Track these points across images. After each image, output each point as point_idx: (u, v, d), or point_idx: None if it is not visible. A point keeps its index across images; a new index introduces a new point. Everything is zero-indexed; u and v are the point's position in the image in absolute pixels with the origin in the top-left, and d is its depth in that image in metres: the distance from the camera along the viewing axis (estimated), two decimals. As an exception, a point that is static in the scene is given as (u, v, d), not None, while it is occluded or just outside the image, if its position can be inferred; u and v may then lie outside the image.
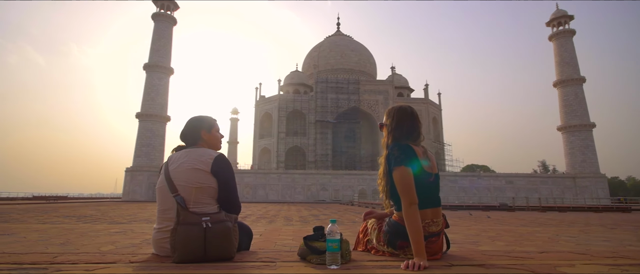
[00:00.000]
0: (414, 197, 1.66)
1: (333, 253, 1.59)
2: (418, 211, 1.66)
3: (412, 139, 1.86)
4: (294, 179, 36.30)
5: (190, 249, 1.69)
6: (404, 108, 1.95)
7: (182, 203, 1.76)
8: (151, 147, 33.01)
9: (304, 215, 11.51)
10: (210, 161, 1.86)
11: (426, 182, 1.76)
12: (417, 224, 1.63)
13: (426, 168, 1.77)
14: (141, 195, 31.74)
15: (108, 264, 1.72)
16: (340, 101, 44.47)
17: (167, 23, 36.20)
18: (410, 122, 1.89)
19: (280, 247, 3.48)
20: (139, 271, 1.60)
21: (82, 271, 1.57)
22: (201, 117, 2.10)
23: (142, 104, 33.90)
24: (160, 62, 34.76)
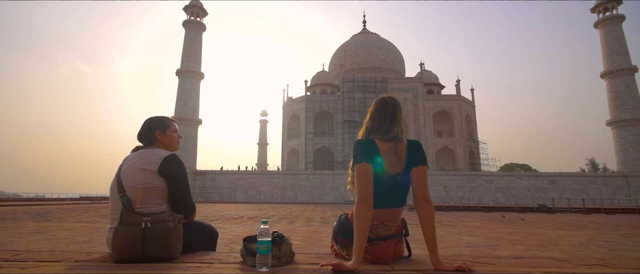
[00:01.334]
0: (365, 196, 1.55)
1: (263, 255, 1.52)
2: (368, 211, 1.55)
3: (381, 132, 1.69)
4: (322, 179, 36.30)
5: (129, 249, 1.70)
6: (382, 100, 1.80)
7: (127, 203, 1.77)
8: (184, 150, 34.47)
9: (326, 216, 11.42)
10: (158, 162, 1.85)
11: (386, 181, 1.61)
12: (361, 224, 1.53)
13: (387, 167, 1.61)
14: (176, 195, 33.27)
15: (47, 263, 1.73)
16: (368, 100, 43.82)
17: (197, 30, 37.71)
18: (382, 115, 1.73)
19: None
20: (70, 270, 1.60)
21: (17, 270, 1.59)
22: (156, 118, 2.09)
23: (175, 108, 35.56)
24: (192, 68, 36.26)
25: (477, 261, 1.74)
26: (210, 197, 34.00)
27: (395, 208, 1.67)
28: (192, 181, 33.99)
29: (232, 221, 9.19)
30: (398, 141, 1.65)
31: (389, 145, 1.64)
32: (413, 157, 1.63)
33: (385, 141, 1.65)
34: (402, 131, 1.71)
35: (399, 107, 1.76)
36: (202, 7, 38.20)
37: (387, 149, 1.63)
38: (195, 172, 34.77)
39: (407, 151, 1.64)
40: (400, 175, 1.62)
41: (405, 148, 1.65)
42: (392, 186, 1.63)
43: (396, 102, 1.78)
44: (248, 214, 12.52)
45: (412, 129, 42.90)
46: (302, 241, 4.20)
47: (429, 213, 1.57)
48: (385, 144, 1.64)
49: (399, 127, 1.70)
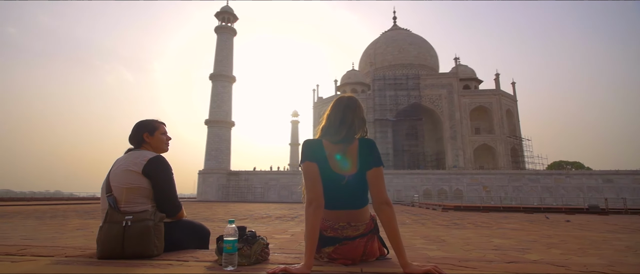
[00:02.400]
0: (312, 196, 1.53)
1: (228, 254, 1.51)
2: (317, 211, 1.52)
3: (329, 134, 1.64)
4: (353, 179, 35.92)
5: (110, 246, 1.76)
6: (337, 100, 1.73)
7: (113, 203, 1.86)
8: (219, 151, 35.76)
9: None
10: (143, 163, 1.92)
11: (338, 181, 1.57)
12: (310, 225, 1.50)
13: (338, 168, 1.57)
14: (212, 195, 34.57)
15: (38, 258, 1.77)
16: (400, 97, 42.79)
17: (228, 35, 38.94)
18: (333, 116, 1.67)
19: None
20: (52, 265, 1.65)
21: (8, 263, 1.68)
22: (145, 121, 2.15)
23: (209, 111, 36.97)
24: (224, 72, 37.51)
25: (459, 265, 1.56)
26: (244, 197, 34.94)
27: (357, 209, 1.60)
28: (226, 181, 35.13)
29: (260, 220, 9.30)
30: (347, 142, 1.59)
31: (338, 147, 1.59)
32: (366, 159, 1.56)
33: (334, 143, 1.60)
34: (357, 131, 1.65)
35: (352, 108, 1.67)
36: (232, 12, 39.43)
37: (335, 150, 1.58)
38: (229, 172, 35.87)
39: (359, 152, 1.58)
40: (352, 176, 1.56)
41: (357, 149, 1.58)
42: (346, 187, 1.57)
43: (350, 102, 1.69)
44: (277, 213, 12.62)
45: (447, 126, 41.20)
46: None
47: (390, 216, 1.51)
48: (335, 146, 1.59)
49: (349, 128, 1.62)
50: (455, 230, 6.11)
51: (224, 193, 34.65)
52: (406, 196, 33.35)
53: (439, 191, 34.28)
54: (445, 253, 3.40)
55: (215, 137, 35.84)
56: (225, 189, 34.77)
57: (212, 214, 11.76)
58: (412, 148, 43.51)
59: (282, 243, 4.47)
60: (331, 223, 1.62)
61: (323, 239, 1.60)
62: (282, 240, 4.82)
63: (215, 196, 34.40)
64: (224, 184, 34.90)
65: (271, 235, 5.49)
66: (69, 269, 1.59)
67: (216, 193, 34.50)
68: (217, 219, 9.30)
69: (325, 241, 1.60)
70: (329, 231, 1.60)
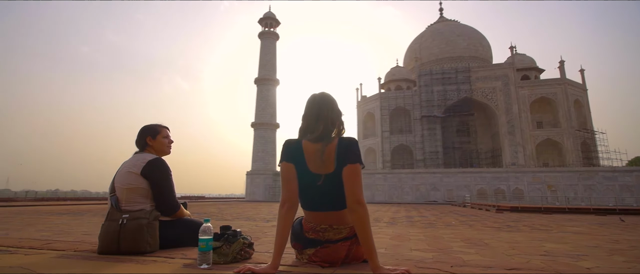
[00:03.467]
0: (286, 197, 1.52)
1: (203, 253, 1.53)
2: (289, 212, 1.51)
3: (308, 132, 1.61)
4: (400, 179, 34.86)
5: (107, 242, 1.90)
6: (310, 97, 1.68)
7: (115, 202, 2.00)
8: (265, 153, 36.96)
9: (398, 216, 10.79)
10: (142, 165, 2.05)
11: (314, 181, 1.52)
12: (279, 226, 1.50)
13: (315, 169, 1.52)
14: (260, 196, 35.82)
15: (48, 251, 1.88)
16: (448, 92, 40.60)
17: (271, 40, 40.12)
18: (308, 114, 1.63)
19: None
20: (56, 258, 1.80)
21: (21, 255, 1.88)
22: (149, 126, 2.27)
23: (255, 114, 38.40)
24: (267, 76, 38.72)
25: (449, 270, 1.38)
26: (290, 197, 35.71)
27: (337, 211, 1.54)
28: (272, 181, 36.13)
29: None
30: (325, 141, 1.53)
31: (317, 146, 1.53)
32: (343, 156, 1.50)
33: (313, 142, 1.55)
34: (333, 128, 1.59)
35: (325, 104, 1.61)
36: (274, 17, 40.58)
37: (313, 150, 1.53)
38: (275, 173, 36.85)
39: (337, 150, 1.51)
40: (328, 176, 1.51)
41: (335, 148, 1.52)
42: (323, 187, 1.52)
43: (324, 99, 1.64)
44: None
45: (503, 120, 38.14)
46: None
47: (361, 217, 1.43)
48: (313, 145, 1.54)
49: (325, 126, 1.57)
50: (505, 233, 5.52)
51: (271, 193, 35.71)
52: (458, 196, 31.47)
53: (496, 191, 31.81)
54: (483, 257, 3.05)
55: (261, 139, 37.13)
56: (272, 189, 35.82)
57: (255, 213, 12.09)
58: (464, 145, 41.01)
59: None
60: (313, 225, 1.58)
61: (305, 241, 1.59)
62: None
63: (262, 196, 35.60)
64: (270, 184, 35.97)
65: None
66: (65, 263, 1.73)
67: (264, 193, 35.68)
68: (258, 218, 9.51)
69: (307, 242, 1.57)
70: (311, 232, 1.57)
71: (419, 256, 3.20)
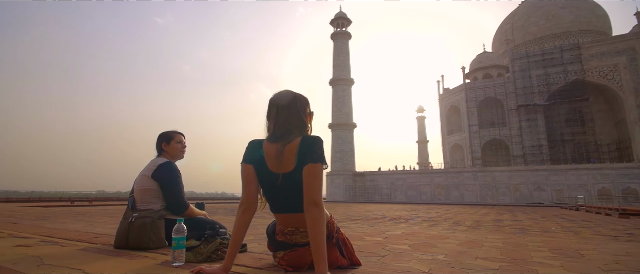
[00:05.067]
0: (242, 198, 1.50)
1: (175, 251, 1.61)
2: (244, 214, 1.48)
3: (268, 132, 1.57)
4: (494, 177, 31.16)
5: (119, 238, 2.14)
6: (274, 95, 1.61)
7: (131, 202, 2.23)
8: (343, 153, 37.02)
9: (485, 220, 9.53)
10: (153, 168, 2.22)
11: (274, 182, 1.48)
12: (234, 227, 1.48)
13: (273, 167, 1.47)
14: (340, 196, 36.05)
15: (77, 243, 2.09)
16: (552, 76, 34.82)
17: (343, 40, 40.11)
18: (269, 113, 1.58)
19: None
20: (79, 250, 2.06)
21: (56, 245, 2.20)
22: (164, 132, 2.44)
23: (332, 115, 38.74)
24: (342, 76, 38.75)
25: None
26: (370, 197, 35.07)
27: (302, 213, 1.44)
28: (352, 182, 36.01)
29: (370, 221, 8.97)
30: (284, 140, 1.48)
31: (276, 146, 1.48)
32: (304, 156, 1.44)
33: (272, 142, 1.50)
34: (295, 126, 1.51)
35: (285, 102, 1.54)
36: (346, 17, 40.47)
37: (273, 150, 1.48)
38: (354, 173, 36.68)
39: (299, 150, 1.45)
40: (286, 176, 1.46)
41: (297, 147, 1.46)
42: (282, 188, 1.47)
43: (283, 98, 1.57)
44: (395, 214, 12.02)
45: (631, 104, 30.94)
46: (410, 246, 3.70)
47: (314, 218, 1.34)
48: (273, 145, 1.49)
49: (283, 125, 1.51)
50: (619, 243, 4.31)
51: (351, 194, 35.68)
52: (570, 197, 26.59)
53: (625, 191, 25.96)
54: (566, 270, 2.41)
55: (338, 140, 37.38)
56: (351, 190, 35.74)
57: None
58: (577, 137, 34.60)
59: (362, 246, 4.06)
60: (281, 227, 1.56)
61: (276, 244, 1.58)
62: (368, 243, 4.41)
63: (343, 196, 35.80)
64: (350, 185, 35.94)
65: (361, 237, 5.14)
66: (81, 254, 1.96)
67: (344, 194, 35.84)
68: (329, 218, 9.45)
69: (277, 245, 1.56)
70: (280, 235, 1.55)
71: (480, 266, 2.67)
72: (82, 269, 1.57)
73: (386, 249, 3.55)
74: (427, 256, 3.03)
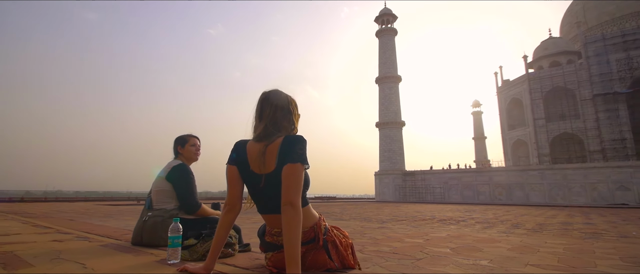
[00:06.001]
0: (227, 199, 1.49)
1: (171, 249, 1.67)
2: (227, 215, 1.47)
3: (253, 132, 1.55)
4: (565, 175, 27.88)
5: (135, 235, 2.32)
6: (266, 96, 1.56)
7: (148, 202, 2.37)
8: (392, 152, 35.89)
9: (550, 223, 8.48)
10: (167, 170, 2.34)
11: (256, 183, 1.47)
12: (217, 227, 1.48)
13: (256, 168, 1.45)
14: (389, 196, 35.03)
15: (101, 238, 2.23)
16: (636, 60, 30.25)
17: (389, 36, 38.92)
18: (255, 112, 1.56)
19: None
20: (101, 245, 2.25)
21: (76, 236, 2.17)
22: (180, 136, 2.55)
23: (379, 114, 37.78)
24: (388, 73, 37.62)
25: None
26: (422, 197, 33.56)
27: None
28: (402, 181, 34.78)
29: (416, 221, 8.50)
30: (267, 140, 1.46)
31: (259, 146, 1.47)
32: (284, 155, 1.41)
33: (256, 142, 1.49)
34: (280, 126, 1.49)
35: (270, 101, 1.51)
36: (391, 13, 39.23)
37: (256, 150, 1.47)
38: (404, 173, 35.37)
39: (280, 149, 1.42)
40: (268, 176, 1.44)
41: (278, 146, 1.43)
42: (265, 189, 1.45)
43: (269, 96, 1.53)
44: (446, 215, 11.30)
45: None
46: (452, 250, 3.50)
47: (290, 219, 1.31)
48: (256, 145, 1.48)
49: (267, 124, 1.48)
50: None
51: (400, 194, 34.48)
52: (665, 199, 22.74)
53: None
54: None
55: (386, 139, 36.36)
56: (402, 189, 34.52)
57: (376, 215, 11.74)
58: (670, 128, 29.54)
59: (399, 248, 3.79)
60: (269, 228, 1.55)
61: (265, 244, 1.57)
62: (406, 244, 4.13)
63: (392, 196, 34.75)
64: (400, 184, 34.74)
65: (401, 238, 4.83)
66: (98, 249, 2.11)
67: (393, 194, 34.78)
68: (375, 220, 9.14)
69: (267, 246, 1.55)
70: (268, 236, 1.53)
71: None
72: (84, 264, 1.64)
73: (424, 252, 3.36)
74: (468, 261, 2.83)
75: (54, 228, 3.36)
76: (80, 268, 1.61)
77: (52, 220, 4.58)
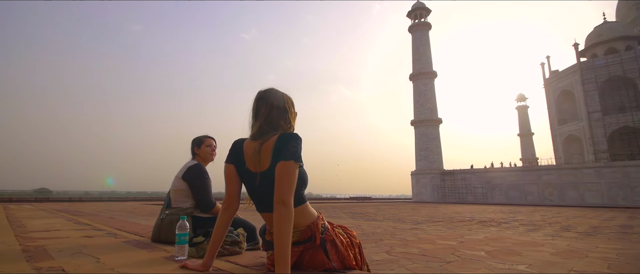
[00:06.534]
0: (225, 198, 1.51)
1: (178, 246, 1.72)
2: (224, 213, 1.50)
3: (253, 131, 1.54)
4: (626, 174, 25.22)
5: (154, 233, 2.43)
6: (263, 95, 1.56)
7: (167, 201, 2.46)
8: (429, 151, 34.59)
9: (606, 226, 7.65)
10: (184, 170, 2.42)
11: (253, 182, 1.48)
12: (215, 225, 1.51)
13: (252, 166, 1.46)
14: (427, 196, 33.80)
15: (126, 235, 2.33)
16: None
17: (422, 31, 37.56)
18: (251, 110, 1.56)
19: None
20: (123, 241, 2.36)
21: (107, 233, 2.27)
22: (197, 137, 2.64)
23: (414, 111, 36.54)
24: (422, 69, 36.30)
25: None
26: (462, 198, 32.03)
27: None
28: (440, 181, 33.43)
29: (454, 223, 8.09)
30: (262, 138, 1.47)
31: (255, 145, 1.47)
32: (278, 153, 1.41)
33: (252, 140, 1.50)
34: (275, 124, 1.49)
35: (265, 99, 1.52)
36: (424, 6, 37.81)
37: (252, 149, 1.48)
38: (442, 172, 33.96)
39: (274, 147, 1.42)
40: (263, 175, 1.44)
41: (273, 144, 1.43)
42: (260, 187, 1.46)
43: (264, 94, 1.54)
44: (487, 217, 10.69)
45: None
46: (487, 253, 3.32)
47: (281, 218, 1.30)
48: (252, 143, 1.49)
49: (263, 122, 1.49)
50: None
51: (439, 194, 33.14)
52: None
53: None
54: None
55: (422, 137, 35.13)
56: (440, 189, 33.17)
57: (411, 215, 11.37)
58: None
59: (429, 250, 3.59)
60: (268, 227, 1.57)
61: (266, 243, 1.59)
62: (438, 247, 3.93)
63: (430, 197, 33.51)
64: (438, 184, 33.40)
65: (433, 240, 4.62)
66: (118, 245, 2.22)
67: (431, 194, 33.52)
68: (410, 221, 8.85)
69: (267, 245, 1.57)
70: (268, 234, 1.55)
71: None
72: (98, 258, 1.73)
73: (456, 255, 3.24)
74: (503, 265, 2.66)
75: (92, 225, 3.59)
76: (93, 262, 1.69)
77: (95, 218, 4.92)
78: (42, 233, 2.81)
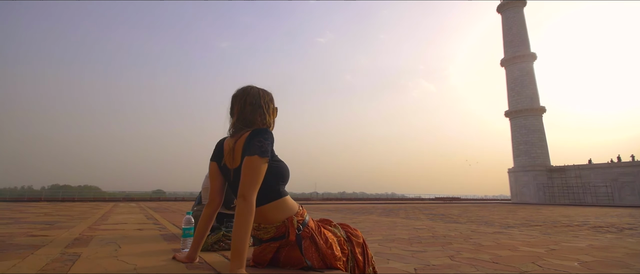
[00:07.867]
0: (209, 194, 1.54)
1: (183, 239, 1.79)
2: (207, 208, 1.52)
3: (231, 129, 1.55)
4: None
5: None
6: (237, 93, 1.58)
7: (198, 198, 2.57)
8: (530, 145, 29.79)
9: None
10: None
11: (228, 179, 1.51)
12: (199, 220, 1.54)
13: (228, 163, 1.48)
14: (530, 196, 29.16)
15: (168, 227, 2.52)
16: None
17: (515, 10, 32.51)
18: (232, 110, 1.57)
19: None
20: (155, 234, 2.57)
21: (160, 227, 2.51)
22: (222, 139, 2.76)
23: (508, 100, 31.82)
24: (517, 53, 31.42)
25: None
26: (578, 198, 26.86)
27: (258, 207, 1.40)
28: (547, 179, 28.60)
29: (556, 228, 6.83)
30: (238, 136, 1.46)
31: (231, 141, 1.48)
32: (246, 149, 1.39)
33: (230, 137, 1.51)
34: (249, 121, 1.49)
35: (239, 97, 1.52)
36: (515, -20, 33.16)
37: (229, 145, 1.49)
38: (549, 168, 28.95)
39: (245, 143, 1.41)
40: (237, 171, 1.45)
41: (244, 140, 1.43)
42: (234, 183, 1.46)
43: (239, 94, 1.54)
44: (606, 221, 8.93)
45: None
46: (582, 264, 2.94)
47: (240, 213, 1.29)
48: (229, 140, 1.50)
49: (237, 120, 1.50)
50: None
51: (546, 194, 28.37)
52: None
53: None
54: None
55: (521, 129, 30.51)
56: (547, 189, 28.36)
57: (502, 218, 9.98)
58: None
59: (503, 258, 3.06)
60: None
61: (253, 239, 1.58)
62: (519, 254, 3.39)
63: (534, 197, 28.93)
64: (544, 182, 28.61)
65: (515, 247, 3.99)
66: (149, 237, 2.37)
67: (535, 194, 28.91)
68: (498, 224, 7.77)
69: (254, 240, 1.58)
70: (253, 230, 1.53)
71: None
72: (120, 246, 1.90)
73: (537, 264, 2.86)
74: None
75: (155, 218, 4.00)
76: (112, 250, 1.84)
77: (163, 213, 5.58)
78: (109, 225, 3.23)
